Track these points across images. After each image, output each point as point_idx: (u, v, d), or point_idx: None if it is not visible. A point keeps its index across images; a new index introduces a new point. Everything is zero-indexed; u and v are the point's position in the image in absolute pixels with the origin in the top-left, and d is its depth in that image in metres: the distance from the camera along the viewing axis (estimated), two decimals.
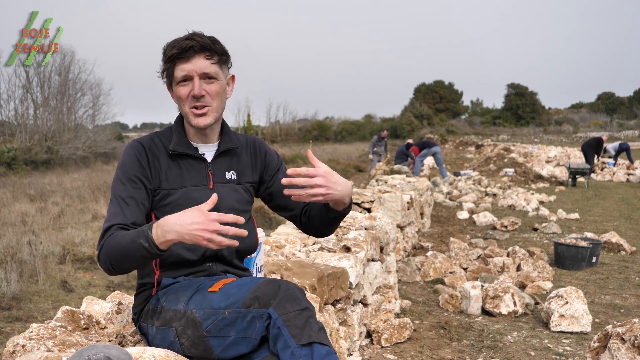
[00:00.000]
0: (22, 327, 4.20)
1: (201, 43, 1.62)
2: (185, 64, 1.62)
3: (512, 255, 5.53)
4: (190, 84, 1.64)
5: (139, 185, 1.65)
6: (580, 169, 13.53)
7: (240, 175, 1.81)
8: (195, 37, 1.62)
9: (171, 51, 1.62)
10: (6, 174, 17.95)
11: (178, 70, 1.64)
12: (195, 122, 1.67)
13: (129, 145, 1.71)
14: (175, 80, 1.66)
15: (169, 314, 1.60)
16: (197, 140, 1.76)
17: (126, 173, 1.65)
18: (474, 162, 20.79)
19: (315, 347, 1.42)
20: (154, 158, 1.69)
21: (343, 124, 50.24)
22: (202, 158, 1.74)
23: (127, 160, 1.67)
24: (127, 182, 1.64)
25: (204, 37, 1.64)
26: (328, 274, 2.53)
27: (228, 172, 1.79)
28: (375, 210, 5.24)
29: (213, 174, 1.75)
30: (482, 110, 64.67)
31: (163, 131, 1.79)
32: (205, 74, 1.64)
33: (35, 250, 6.47)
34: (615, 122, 49.18)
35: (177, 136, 1.74)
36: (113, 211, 1.61)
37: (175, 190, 1.69)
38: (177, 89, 1.66)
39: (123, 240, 1.49)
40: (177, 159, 1.72)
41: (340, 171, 19.42)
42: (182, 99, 1.66)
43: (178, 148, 1.71)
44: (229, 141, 1.80)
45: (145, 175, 1.66)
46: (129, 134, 65.40)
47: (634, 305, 4.28)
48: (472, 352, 3.30)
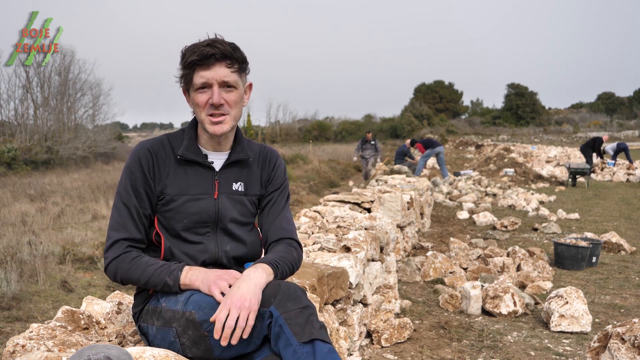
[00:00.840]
0: (22, 327, 4.20)
1: (222, 51, 1.59)
2: (206, 72, 1.60)
3: (512, 255, 5.53)
4: (209, 91, 1.63)
5: (143, 197, 1.66)
6: (580, 169, 13.53)
7: (248, 187, 1.79)
8: (217, 44, 1.59)
9: (191, 57, 1.59)
10: (6, 174, 17.95)
11: (197, 77, 1.62)
12: (212, 130, 1.66)
13: (137, 150, 1.70)
14: (193, 86, 1.64)
15: (169, 314, 1.60)
16: (209, 147, 1.75)
17: (131, 180, 1.66)
18: (474, 162, 20.79)
19: (317, 345, 1.42)
20: (161, 163, 1.69)
21: (343, 124, 50.22)
22: (210, 166, 1.73)
23: (133, 167, 1.67)
24: (133, 191, 1.66)
25: (225, 44, 1.61)
26: (328, 274, 2.53)
27: (235, 183, 1.77)
28: (375, 210, 5.23)
29: (220, 183, 1.73)
30: (482, 110, 64.69)
31: (175, 134, 1.78)
32: (225, 82, 1.62)
33: (35, 250, 6.47)
34: (615, 122, 49.18)
35: (187, 141, 1.72)
36: (120, 221, 1.64)
37: (178, 197, 1.68)
38: (195, 96, 1.64)
39: (147, 270, 1.60)
40: (184, 165, 1.71)
41: (340, 171, 19.43)
42: (199, 106, 1.65)
43: (187, 154, 1.70)
44: (241, 151, 1.78)
45: (150, 186, 1.67)
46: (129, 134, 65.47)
47: (634, 305, 4.28)
48: (472, 352, 3.30)
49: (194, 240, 1.69)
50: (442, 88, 59.12)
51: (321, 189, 15.42)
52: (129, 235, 1.64)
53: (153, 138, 1.75)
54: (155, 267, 1.60)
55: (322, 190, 15.18)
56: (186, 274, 1.58)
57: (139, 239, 1.66)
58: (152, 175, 1.67)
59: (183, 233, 1.68)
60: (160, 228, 1.70)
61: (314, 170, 18.26)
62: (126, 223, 1.64)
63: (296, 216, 4.40)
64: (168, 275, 1.58)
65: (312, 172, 17.82)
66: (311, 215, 4.32)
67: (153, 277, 1.59)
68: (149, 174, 1.67)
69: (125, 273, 1.61)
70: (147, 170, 1.67)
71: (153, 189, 1.67)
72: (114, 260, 1.62)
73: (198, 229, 1.70)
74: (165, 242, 1.69)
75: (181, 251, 1.68)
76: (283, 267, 1.65)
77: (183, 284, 1.57)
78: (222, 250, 1.72)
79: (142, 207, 1.66)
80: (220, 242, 1.73)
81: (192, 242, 1.69)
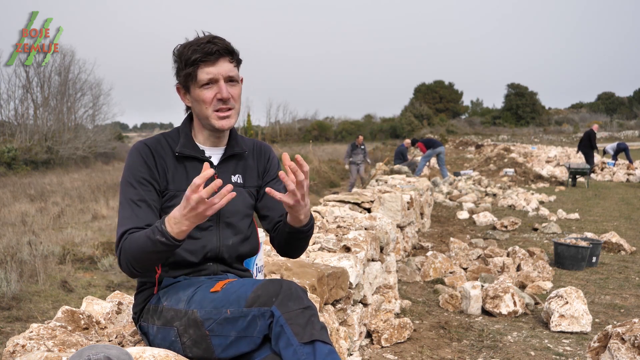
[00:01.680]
0: (22, 327, 4.20)
1: (224, 45, 1.63)
2: (211, 67, 1.62)
3: (512, 255, 5.53)
4: (215, 87, 1.64)
5: (148, 187, 1.65)
6: (580, 169, 13.53)
7: (246, 179, 1.82)
8: (217, 41, 1.62)
9: (194, 54, 1.60)
10: (6, 174, 17.96)
11: (203, 73, 1.62)
12: (220, 125, 1.67)
13: (135, 147, 1.70)
14: (198, 83, 1.64)
15: (170, 314, 1.60)
16: (207, 143, 1.76)
17: (134, 175, 1.65)
18: (474, 162, 20.80)
19: (317, 346, 1.42)
20: (160, 159, 1.69)
21: (343, 124, 50.23)
22: (208, 161, 1.74)
23: (134, 162, 1.66)
24: (137, 184, 1.64)
25: (223, 40, 1.64)
26: (328, 274, 2.54)
27: (234, 176, 1.79)
28: (375, 210, 5.23)
29: (219, 177, 1.74)
30: (482, 110, 64.71)
31: (170, 132, 1.79)
32: (230, 77, 1.65)
33: (35, 250, 6.47)
34: (615, 122, 49.20)
35: (184, 138, 1.74)
36: (125, 215, 1.61)
37: (181, 192, 1.67)
38: (201, 92, 1.64)
39: (139, 240, 1.50)
40: (183, 161, 1.72)
41: (340, 171, 19.42)
42: (206, 102, 1.65)
43: (185, 150, 1.71)
44: (236, 145, 1.80)
45: (154, 177, 1.66)
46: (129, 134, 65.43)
47: (634, 305, 4.28)
48: (472, 352, 3.30)
49: (196, 236, 1.69)
50: (442, 88, 59.14)
51: (321, 189, 15.44)
52: (132, 225, 1.58)
53: (149, 137, 1.76)
54: (144, 234, 1.50)
55: (322, 190, 15.19)
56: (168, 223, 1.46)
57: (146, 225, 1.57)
58: (155, 168, 1.67)
59: None
60: None
61: (314, 170, 18.26)
62: (130, 215, 1.60)
63: None
64: (157, 234, 1.46)
65: (312, 172, 17.82)
66: None
67: (147, 244, 1.47)
68: (152, 167, 1.67)
69: (128, 256, 1.53)
70: (150, 163, 1.67)
71: (158, 180, 1.67)
72: (121, 253, 1.55)
73: (201, 223, 1.70)
74: None
75: (182, 247, 1.66)
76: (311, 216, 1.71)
77: (174, 233, 1.45)
78: (224, 245, 1.73)
79: (149, 197, 1.63)
80: (223, 236, 1.73)
81: (195, 237, 1.69)
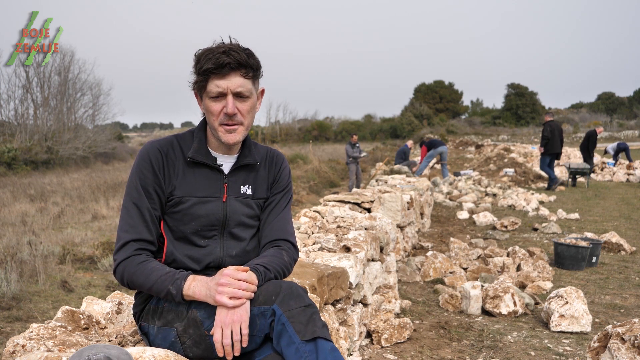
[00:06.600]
0: (22, 327, 4.20)
1: (238, 59, 1.57)
2: (221, 81, 1.58)
3: (512, 255, 5.53)
4: (223, 100, 1.61)
5: (154, 197, 1.64)
6: (580, 169, 13.53)
7: (255, 190, 1.79)
8: (232, 53, 1.56)
9: (206, 65, 1.56)
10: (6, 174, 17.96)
11: (212, 85, 1.59)
12: (225, 139, 1.65)
13: (146, 150, 1.68)
14: (207, 94, 1.62)
15: (171, 314, 1.60)
16: (218, 150, 1.74)
17: (142, 181, 1.64)
18: (474, 162, 20.79)
19: (319, 343, 1.42)
20: (170, 164, 1.68)
21: (343, 124, 50.22)
22: (219, 169, 1.72)
23: (143, 167, 1.65)
24: (144, 191, 1.63)
25: (241, 52, 1.58)
26: (328, 274, 2.53)
27: (244, 186, 1.76)
28: (375, 210, 5.23)
29: (228, 186, 1.73)
30: (482, 110, 64.66)
31: (183, 135, 1.76)
32: (239, 92, 1.61)
33: (35, 250, 6.48)
34: (615, 122, 49.16)
35: (197, 143, 1.71)
36: (130, 222, 1.61)
37: (187, 199, 1.67)
38: (209, 104, 1.63)
39: (151, 276, 1.55)
40: (193, 167, 1.70)
41: (340, 171, 19.43)
42: (213, 114, 1.63)
43: (197, 156, 1.69)
44: (249, 155, 1.77)
45: (160, 185, 1.65)
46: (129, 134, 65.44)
47: (634, 305, 4.28)
48: (472, 352, 3.30)
49: (200, 244, 1.68)
50: (442, 88, 59.10)
51: (321, 189, 15.44)
52: (138, 236, 1.60)
53: (162, 138, 1.74)
54: (159, 274, 1.55)
55: (322, 190, 15.20)
56: (189, 284, 1.52)
57: (149, 240, 1.62)
58: (163, 175, 1.66)
59: (191, 236, 1.67)
60: (166, 230, 1.68)
61: (314, 170, 18.27)
62: (136, 224, 1.61)
63: (296, 216, 4.41)
64: (171, 284, 1.53)
65: (312, 172, 17.83)
66: (311, 215, 4.32)
67: (156, 284, 1.54)
68: (160, 174, 1.65)
69: (130, 277, 1.57)
70: (158, 169, 1.65)
71: (163, 188, 1.66)
72: (122, 262, 1.58)
73: (206, 232, 1.69)
74: (168, 244, 1.67)
75: (185, 254, 1.67)
76: (267, 273, 1.59)
77: (186, 295, 1.52)
78: (228, 255, 1.72)
79: (153, 207, 1.64)
80: (227, 246, 1.72)
81: (199, 245, 1.68)
